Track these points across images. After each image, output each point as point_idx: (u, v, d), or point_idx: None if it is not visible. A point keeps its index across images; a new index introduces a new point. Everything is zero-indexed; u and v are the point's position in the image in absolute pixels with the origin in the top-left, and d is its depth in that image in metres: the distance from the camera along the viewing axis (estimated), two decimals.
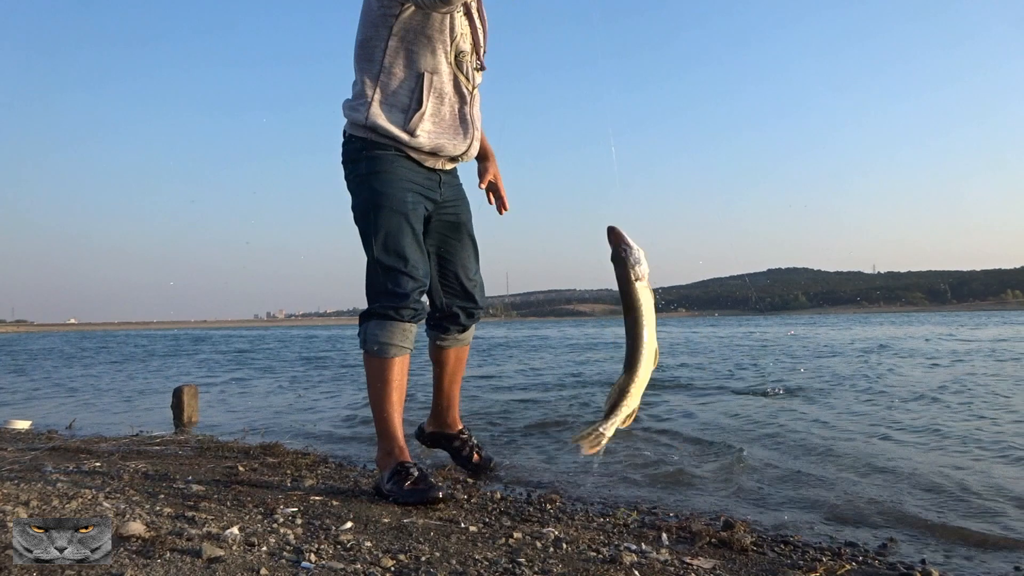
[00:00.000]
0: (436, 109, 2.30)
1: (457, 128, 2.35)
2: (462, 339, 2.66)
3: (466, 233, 2.56)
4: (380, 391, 2.26)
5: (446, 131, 2.33)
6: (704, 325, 38.70)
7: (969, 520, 2.29)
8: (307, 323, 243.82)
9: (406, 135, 2.25)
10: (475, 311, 2.60)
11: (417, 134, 2.26)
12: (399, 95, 2.27)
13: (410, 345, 2.30)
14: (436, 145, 2.31)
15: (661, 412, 5.08)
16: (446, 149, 2.34)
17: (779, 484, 2.81)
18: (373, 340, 2.25)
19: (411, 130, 2.26)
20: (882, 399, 5.56)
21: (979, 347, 12.40)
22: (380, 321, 2.25)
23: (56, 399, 7.29)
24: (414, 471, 2.17)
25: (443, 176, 2.43)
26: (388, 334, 2.24)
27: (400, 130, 2.25)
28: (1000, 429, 4.03)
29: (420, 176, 2.34)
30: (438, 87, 2.29)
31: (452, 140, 2.34)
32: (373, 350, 2.25)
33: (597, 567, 1.54)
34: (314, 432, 4.47)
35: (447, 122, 2.33)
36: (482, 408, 5.31)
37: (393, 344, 2.24)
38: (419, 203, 2.33)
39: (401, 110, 2.27)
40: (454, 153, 2.37)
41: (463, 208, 2.57)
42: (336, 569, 1.46)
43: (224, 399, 6.83)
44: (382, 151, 2.28)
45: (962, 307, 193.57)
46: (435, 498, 2.09)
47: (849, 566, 1.69)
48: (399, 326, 2.25)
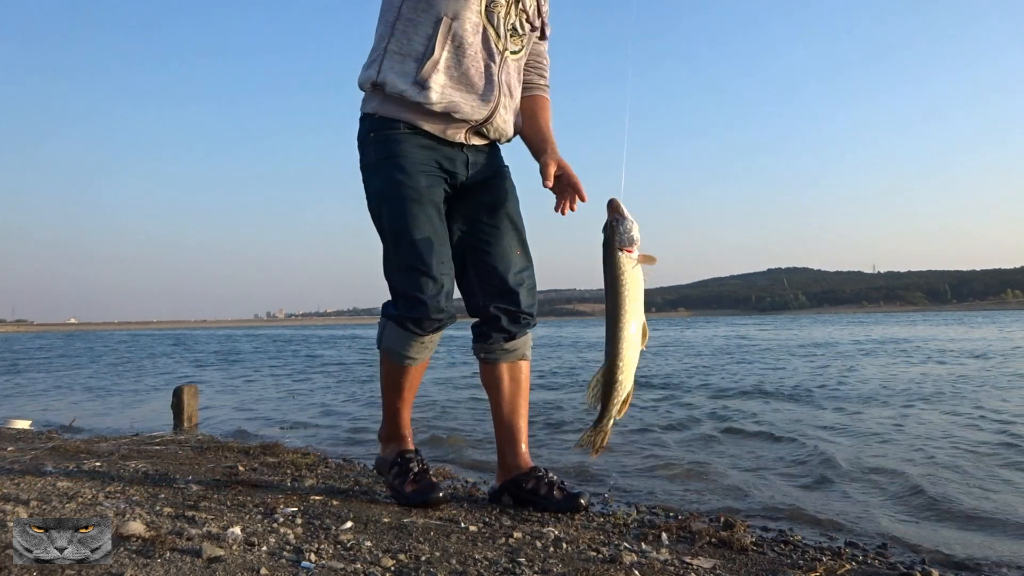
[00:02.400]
0: (455, 60, 1.97)
1: (479, 88, 2.00)
2: (512, 351, 2.15)
3: (506, 218, 2.13)
4: (391, 388, 2.15)
5: (463, 88, 1.99)
6: (703, 324, 38.69)
7: (969, 520, 2.29)
8: (307, 323, 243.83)
9: (416, 88, 1.95)
10: (521, 315, 2.12)
11: (429, 85, 1.94)
12: (414, 43, 1.97)
13: (427, 354, 2.10)
14: (450, 103, 1.97)
15: (662, 412, 5.08)
16: (462, 109, 1.98)
17: (779, 484, 2.81)
18: (389, 347, 2.08)
19: (422, 80, 1.94)
20: (882, 400, 5.56)
21: (990, 346, 12.40)
22: (398, 330, 2.03)
23: (56, 398, 7.29)
24: (415, 466, 2.10)
25: (470, 154, 2.09)
26: (406, 346, 2.04)
27: (410, 83, 1.96)
28: (1005, 429, 4.02)
29: (438, 153, 2.03)
30: (458, 35, 1.96)
31: (470, 100, 1.99)
32: (389, 354, 2.10)
33: (597, 567, 1.54)
34: (314, 432, 4.48)
35: (467, 78, 1.98)
36: (482, 406, 5.31)
37: (408, 356, 2.06)
38: (437, 184, 2.03)
39: (415, 59, 1.96)
40: (472, 116, 2.00)
41: (502, 189, 2.16)
42: (336, 569, 1.46)
43: (224, 399, 6.83)
44: (390, 130, 2.01)
45: (962, 307, 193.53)
46: (435, 499, 2.03)
47: (849, 566, 1.69)
48: (417, 340, 2.03)
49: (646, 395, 5.97)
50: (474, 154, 2.09)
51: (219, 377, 9.92)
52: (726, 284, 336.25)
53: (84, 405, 6.53)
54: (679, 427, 4.30)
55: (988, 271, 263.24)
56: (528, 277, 2.14)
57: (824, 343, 15.71)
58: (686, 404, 5.45)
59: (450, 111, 1.98)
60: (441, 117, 1.99)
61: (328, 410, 5.68)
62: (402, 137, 2.00)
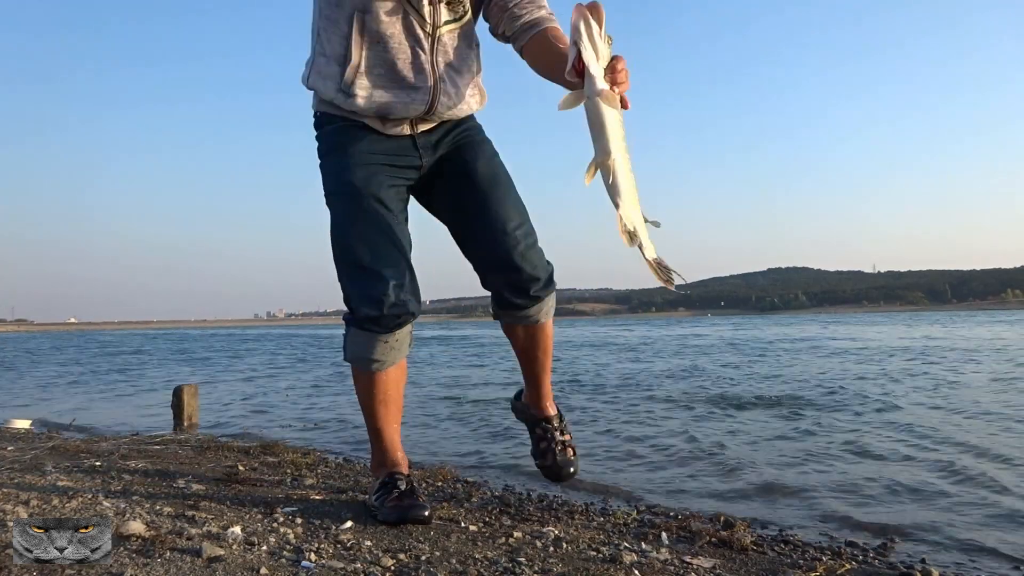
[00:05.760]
0: (377, 58, 1.77)
1: (410, 80, 1.79)
2: (524, 318, 1.97)
3: (486, 176, 1.90)
4: (368, 404, 1.93)
5: (393, 85, 1.79)
6: (705, 324, 38.69)
7: (969, 520, 2.29)
8: (307, 322, 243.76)
9: (342, 96, 1.78)
10: (525, 283, 1.87)
11: (354, 92, 1.77)
12: (334, 44, 1.78)
13: (397, 356, 1.88)
14: (380, 107, 1.79)
15: (660, 415, 5.09)
16: (395, 110, 1.80)
17: (779, 484, 2.81)
18: (355, 354, 1.87)
19: (346, 88, 1.78)
20: (880, 401, 5.56)
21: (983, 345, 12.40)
22: (358, 332, 1.84)
23: (56, 398, 7.29)
24: (401, 484, 1.88)
25: (420, 139, 1.89)
26: (370, 349, 1.84)
27: (336, 90, 1.79)
28: (1004, 429, 4.02)
29: (383, 144, 1.86)
30: (374, 29, 1.75)
31: (402, 97, 1.80)
32: (357, 364, 1.89)
33: (597, 566, 1.54)
34: (314, 431, 4.48)
35: (395, 73, 1.78)
36: (482, 408, 5.31)
37: (375, 359, 1.85)
38: (383, 177, 1.84)
39: (338, 62, 1.78)
40: (406, 114, 1.82)
41: (471, 151, 1.93)
42: (336, 568, 1.46)
43: (224, 398, 6.83)
44: (330, 124, 1.87)
45: (962, 306, 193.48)
46: (418, 517, 1.81)
47: (849, 565, 1.69)
48: (379, 339, 1.82)
49: (650, 404, 5.97)
50: (425, 137, 1.90)
51: (219, 377, 9.92)
52: (726, 284, 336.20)
53: (84, 405, 6.53)
54: (678, 428, 4.30)
55: (988, 271, 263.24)
56: (524, 236, 1.86)
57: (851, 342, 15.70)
58: (685, 408, 5.45)
59: (383, 115, 1.82)
60: (376, 119, 1.84)
61: (328, 410, 5.68)
62: (343, 129, 1.86)
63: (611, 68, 1.53)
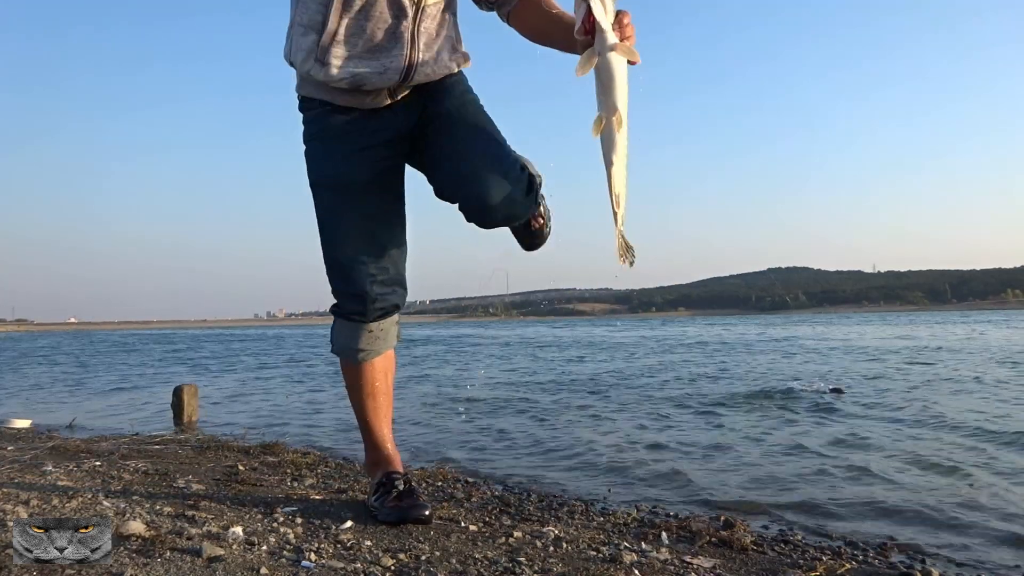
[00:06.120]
0: (357, 26, 1.70)
1: (389, 50, 1.72)
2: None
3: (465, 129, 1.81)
4: (357, 397, 1.95)
5: (370, 56, 1.72)
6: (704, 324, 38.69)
7: (969, 519, 2.29)
8: (308, 322, 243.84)
9: (317, 65, 1.72)
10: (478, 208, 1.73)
11: (328, 61, 1.71)
12: (311, 11, 1.71)
13: (382, 346, 1.92)
14: (354, 77, 1.72)
15: (659, 415, 5.09)
16: (369, 81, 1.73)
17: (779, 484, 2.81)
18: (342, 345, 1.91)
19: (321, 56, 1.71)
20: (880, 401, 5.56)
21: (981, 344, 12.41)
22: (343, 322, 1.89)
23: (56, 398, 7.29)
24: (400, 484, 1.88)
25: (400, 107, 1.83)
26: (355, 339, 1.88)
27: (313, 60, 1.72)
28: (1007, 427, 4.02)
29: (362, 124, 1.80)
30: None
31: (378, 68, 1.73)
32: (344, 355, 1.92)
33: (597, 566, 1.54)
34: (314, 431, 4.48)
35: (373, 44, 1.71)
36: (482, 407, 5.31)
37: (360, 349, 1.88)
38: (366, 162, 1.81)
39: (316, 30, 1.72)
40: (382, 85, 1.75)
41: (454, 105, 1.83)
42: (336, 568, 1.46)
43: (224, 398, 6.83)
44: (309, 111, 1.84)
45: (962, 307, 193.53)
46: (418, 517, 1.82)
47: (849, 565, 1.69)
48: (363, 328, 1.86)
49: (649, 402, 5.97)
50: (404, 105, 1.83)
51: (219, 376, 9.93)
52: (726, 284, 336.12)
53: (84, 405, 6.52)
54: (676, 428, 4.30)
55: (988, 271, 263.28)
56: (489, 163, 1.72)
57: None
58: (683, 408, 5.45)
59: (357, 85, 1.74)
60: (351, 93, 1.77)
61: (329, 409, 5.68)
62: (319, 117, 1.82)
63: (618, 23, 1.55)
